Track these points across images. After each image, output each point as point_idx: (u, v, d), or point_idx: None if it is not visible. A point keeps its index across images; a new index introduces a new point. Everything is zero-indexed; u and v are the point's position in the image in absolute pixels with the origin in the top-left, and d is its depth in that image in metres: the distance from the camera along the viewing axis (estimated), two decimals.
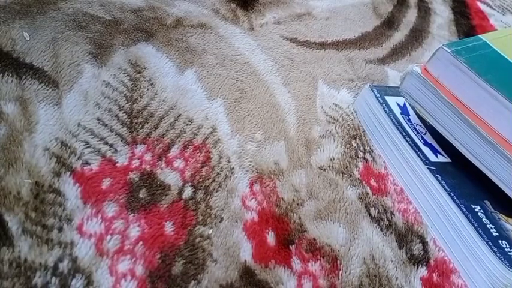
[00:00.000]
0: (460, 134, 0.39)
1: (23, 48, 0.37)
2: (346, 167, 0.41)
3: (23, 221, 0.29)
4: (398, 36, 0.62)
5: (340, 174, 0.41)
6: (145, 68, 0.41)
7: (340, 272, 0.34)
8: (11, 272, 0.27)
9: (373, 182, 0.41)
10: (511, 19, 0.79)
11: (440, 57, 0.39)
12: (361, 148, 0.44)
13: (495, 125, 0.37)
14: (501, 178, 0.37)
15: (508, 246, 0.36)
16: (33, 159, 0.32)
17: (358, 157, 0.43)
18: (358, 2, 0.65)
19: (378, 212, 0.39)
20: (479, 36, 0.42)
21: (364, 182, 0.41)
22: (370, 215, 0.39)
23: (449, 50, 0.39)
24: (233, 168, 0.37)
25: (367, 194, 0.40)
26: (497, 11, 0.78)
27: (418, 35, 0.64)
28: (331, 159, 0.42)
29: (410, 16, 0.67)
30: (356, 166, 0.42)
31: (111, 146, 0.35)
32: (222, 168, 0.37)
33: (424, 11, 0.69)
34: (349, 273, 0.34)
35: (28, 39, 0.38)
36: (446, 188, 0.39)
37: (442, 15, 0.70)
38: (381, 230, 0.38)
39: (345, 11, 0.62)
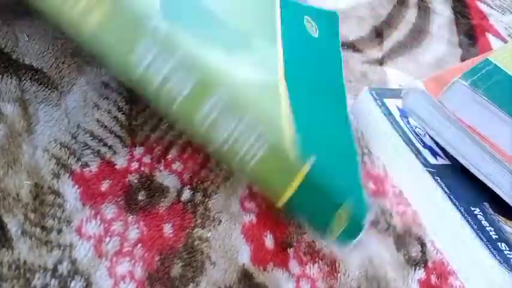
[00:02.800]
0: (475, 157, 0.38)
1: (23, 49, 0.37)
2: None
3: (23, 223, 0.29)
4: (398, 36, 0.62)
5: None
6: None
7: (339, 275, 0.34)
8: (10, 274, 0.27)
9: (371, 184, 0.41)
10: (511, 19, 0.78)
11: (457, 91, 0.38)
12: (360, 150, 0.44)
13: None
14: None
15: (507, 248, 0.36)
16: (33, 160, 0.32)
17: None
18: (357, 3, 0.65)
19: (377, 215, 0.39)
20: (489, 58, 0.41)
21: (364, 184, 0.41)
22: None
23: (466, 84, 0.38)
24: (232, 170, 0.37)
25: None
26: (497, 11, 0.78)
27: (417, 35, 0.64)
28: None
29: (410, 16, 0.67)
30: None
31: (110, 147, 0.35)
32: (221, 170, 0.37)
33: (424, 11, 0.69)
34: (348, 276, 0.35)
35: (27, 40, 0.38)
36: (446, 190, 0.39)
37: (441, 15, 0.70)
38: (379, 232, 0.38)
39: (343, 12, 0.62)
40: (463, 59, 0.63)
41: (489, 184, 0.38)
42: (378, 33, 0.61)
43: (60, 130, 0.34)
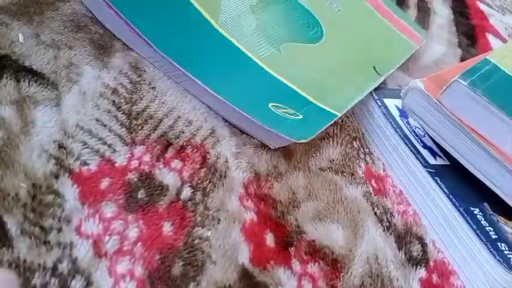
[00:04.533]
0: (474, 157, 0.38)
1: (22, 50, 0.37)
2: (349, 166, 0.42)
3: (22, 222, 0.29)
4: None
5: (342, 174, 0.41)
6: (144, 71, 0.41)
7: (342, 274, 0.34)
8: None
9: (373, 183, 0.42)
10: (511, 19, 0.79)
11: (456, 91, 0.38)
12: (362, 150, 0.44)
13: None
14: None
15: (507, 248, 0.36)
16: (31, 161, 0.32)
17: (360, 158, 0.43)
18: None
19: (380, 212, 0.39)
20: (488, 58, 0.40)
21: (367, 182, 0.41)
22: (375, 214, 0.39)
23: (465, 83, 0.37)
24: (231, 169, 0.37)
25: (371, 193, 0.40)
26: (497, 11, 0.78)
27: None
28: (331, 160, 0.42)
29: (410, 16, 0.67)
30: (359, 166, 0.42)
31: (109, 146, 0.35)
32: (220, 169, 0.37)
33: (424, 11, 0.69)
34: (351, 274, 0.35)
35: (22, 41, 0.38)
36: (445, 190, 0.39)
37: (441, 15, 0.70)
38: (383, 230, 0.38)
39: None
40: (462, 59, 0.63)
41: (488, 184, 0.38)
42: None
43: (59, 130, 0.34)
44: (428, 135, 0.42)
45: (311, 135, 0.39)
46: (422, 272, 0.37)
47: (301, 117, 0.40)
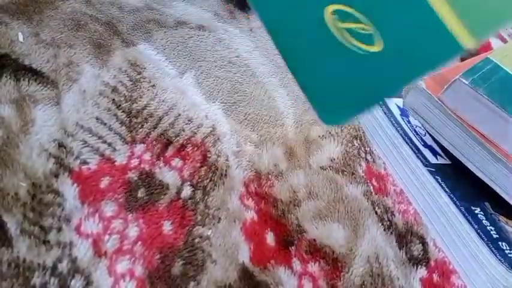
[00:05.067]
0: (475, 156, 0.38)
1: (22, 49, 0.37)
2: (349, 165, 0.41)
3: (21, 222, 0.29)
4: None
5: (342, 172, 0.41)
6: (144, 69, 0.40)
7: (342, 273, 0.34)
8: (9, 272, 0.27)
9: (374, 182, 0.41)
10: None
11: (458, 89, 0.38)
12: (362, 148, 0.44)
13: None
14: None
15: (508, 248, 0.36)
16: (31, 160, 0.32)
17: (361, 156, 0.43)
18: None
19: (381, 212, 0.39)
20: (489, 57, 0.40)
21: (368, 181, 0.41)
22: (376, 213, 0.39)
23: (466, 82, 0.37)
24: (231, 167, 0.37)
25: (371, 192, 0.40)
26: None
27: None
28: (332, 159, 0.42)
29: None
30: (360, 165, 0.42)
31: (109, 144, 0.35)
32: (221, 167, 0.37)
33: None
34: (352, 274, 0.34)
35: (22, 40, 0.38)
36: (446, 189, 0.39)
37: None
38: (384, 229, 0.38)
39: None
40: (462, 59, 0.63)
41: (489, 183, 0.38)
42: None
43: (59, 129, 0.34)
44: (429, 133, 0.42)
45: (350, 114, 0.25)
46: (423, 271, 0.37)
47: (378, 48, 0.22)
